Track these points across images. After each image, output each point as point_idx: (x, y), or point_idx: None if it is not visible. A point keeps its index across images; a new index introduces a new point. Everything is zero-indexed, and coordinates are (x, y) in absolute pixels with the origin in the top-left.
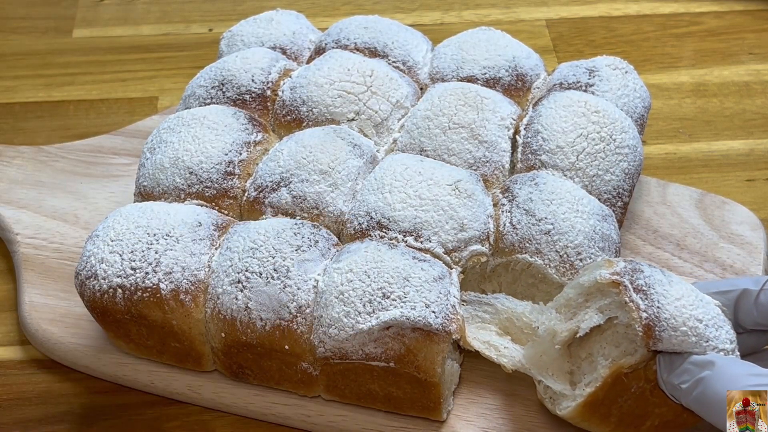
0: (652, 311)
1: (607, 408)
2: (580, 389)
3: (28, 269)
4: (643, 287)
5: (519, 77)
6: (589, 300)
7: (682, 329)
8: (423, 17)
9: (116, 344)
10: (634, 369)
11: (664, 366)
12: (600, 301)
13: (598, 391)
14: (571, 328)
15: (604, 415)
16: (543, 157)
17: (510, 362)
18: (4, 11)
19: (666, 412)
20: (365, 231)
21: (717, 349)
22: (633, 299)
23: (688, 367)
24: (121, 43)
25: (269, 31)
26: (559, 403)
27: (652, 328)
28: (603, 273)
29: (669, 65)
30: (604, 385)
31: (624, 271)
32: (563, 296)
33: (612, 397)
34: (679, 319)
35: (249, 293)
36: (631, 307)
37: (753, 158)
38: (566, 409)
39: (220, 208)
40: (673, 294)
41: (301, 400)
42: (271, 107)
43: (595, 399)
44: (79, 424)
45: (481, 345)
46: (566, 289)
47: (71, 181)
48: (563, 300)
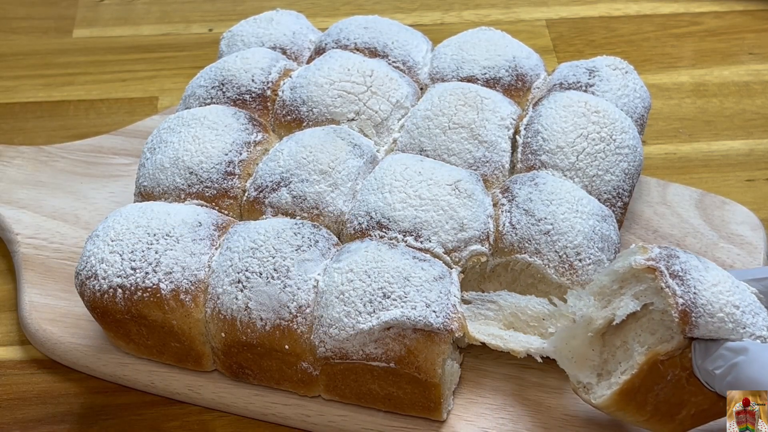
0: (688, 297)
1: (643, 396)
2: (615, 377)
3: (28, 269)
4: (679, 273)
5: (519, 77)
6: (624, 287)
7: (718, 315)
8: (423, 17)
9: (116, 344)
10: (670, 356)
11: (699, 353)
12: (635, 288)
13: (634, 378)
14: (606, 316)
15: (640, 403)
16: (543, 157)
17: (518, 346)
18: (4, 11)
19: (702, 400)
20: (365, 231)
21: (753, 336)
22: (669, 285)
23: (722, 353)
24: (121, 43)
25: (269, 31)
26: (594, 392)
27: (689, 314)
28: (638, 259)
29: (669, 65)
30: (640, 373)
31: (659, 257)
32: (597, 283)
33: (648, 385)
34: (715, 305)
35: (249, 293)
36: (667, 293)
37: (753, 158)
38: (601, 397)
39: (220, 208)
40: (710, 280)
41: (301, 400)
42: (271, 107)
43: (631, 387)
44: (79, 424)
45: (486, 337)
46: (600, 276)
47: (71, 181)
48: (597, 287)
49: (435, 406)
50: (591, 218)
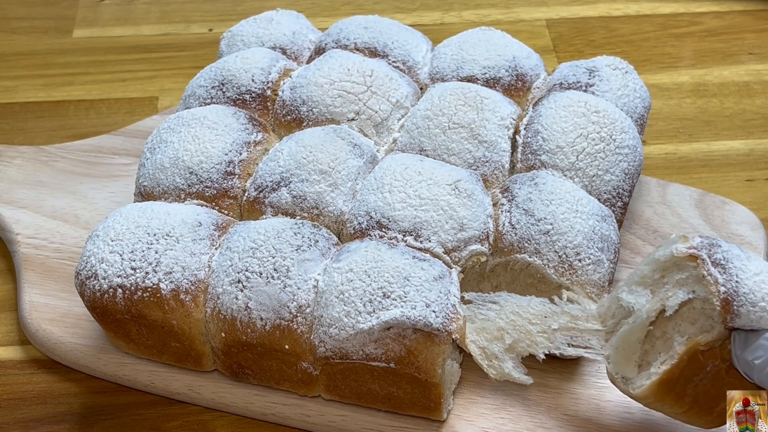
0: (730, 285)
1: (682, 387)
2: (655, 368)
3: (28, 269)
4: (721, 261)
5: (519, 77)
6: (666, 275)
7: (760, 305)
8: (423, 17)
9: (116, 344)
10: (711, 347)
11: (738, 343)
12: (676, 276)
13: (674, 368)
14: (656, 307)
15: (679, 394)
16: (543, 157)
17: (498, 374)
18: (4, 11)
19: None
20: (365, 231)
21: None
22: (711, 273)
23: (762, 343)
24: (121, 43)
25: (269, 31)
26: (633, 382)
27: (731, 303)
28: (680, 247)
29: (669, 65)
30: (680, 363)
31: (701, 245)
32: (637, 274)
33: (687, 375)
34: (758, 294)
35: (249, 293)
36: (709, 281)
37: (753, 158)
38: (640, 388)
39: (220, 208)
40: (752, 269)
41: (301, 400)
42: (271, 107)
43: (670, 377)
44: (80, 424)
45: (476, 350)
46: (640, 266)
47: (71, 181)
48: (637, 278)
49: (435, 405)
50: (591, 218)
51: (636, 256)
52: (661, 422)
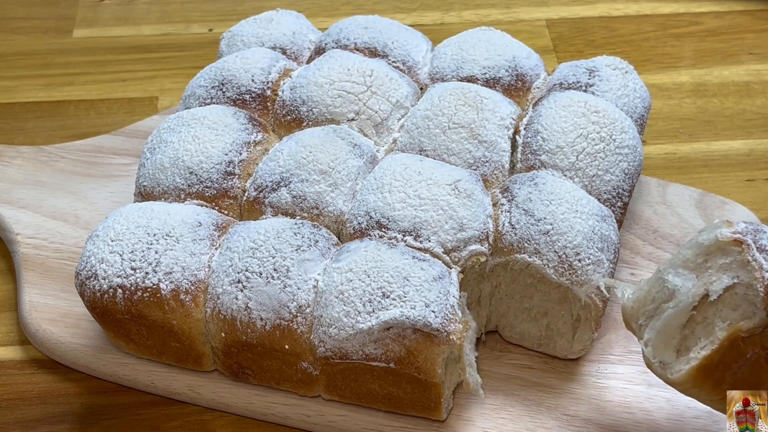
0: None
1: (720, 374)
2: (694, 353)
3: (28, 269)
4: (766, 247)
5: (519, 77)
6: (709, 260)
7: None
8: (423, 17)
9: (116, 344)
10: (751, 333)
11: None
12: (720, 260)
13: (714, 354)
14: (700, 292)
15: (717, 381)
16: (543, 157)
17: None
18: (4, 11)
19: None
20: (365, 231)
21: None
22: (756, 258)
23: None
24: (121, 43)
25: (269, 31)
26: (671, 367)
27: None
28: (724, 231)
29: (669, 65)
30: (720, 349)
31: (746, 230)
32: (679, 257)
33: (727, 362)
34: None
35: (249, 293)
36: (754, 266)
37: (753, 158)
38: (678, 373)
39: (220, 208)
40: None
41: (301, 400)
42: (271, 107)
43: (710, 363)
44: (79, 424)
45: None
46: (682, 250)
47: (71, 181)
48: (680, 261)
49: (435, 405)
50: (590, 218)
51: (636, 256)
52: (661, 422)
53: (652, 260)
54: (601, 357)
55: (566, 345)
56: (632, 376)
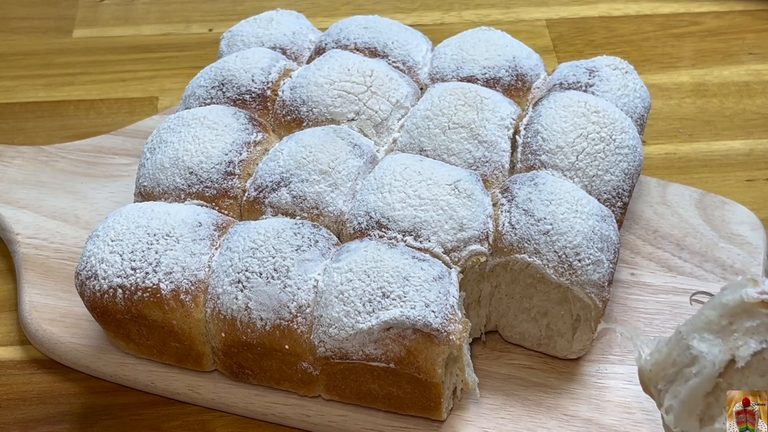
0: None
1: None
2: (719, 423)
3: (28, 269)
4: None
5: (519, 77)
6: (734, 322)
7: None
8: (423, 17)
9: (116, 344)
10: None
11: None
12: (746, 323)
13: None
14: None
15: None
16: (543, 157)
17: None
18: (4, 11)
19: None
20: (365, 231)
21: None
22: None
23: None
24: (121, 43)
25: (269, 31)
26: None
27: None
28: (750, 292)
29: (669, 65)
30: None
31: None
32: (702, 318)
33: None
34: None
35: (249, 293)
36: None
37: (753, 158)
38: None
39: (220, 208)
40: None
41: (301, 400)
42: (271, 107)
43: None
44: (79, 424)
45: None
46: (704, 311)
47: (71, 181)
48: (702, 323)
49: (435, 405)
50: (590, 218)
51: (636, 256)
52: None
53: (652, 260)
54: (601, 357)
55: (566, 345)
56: (632, 376)
